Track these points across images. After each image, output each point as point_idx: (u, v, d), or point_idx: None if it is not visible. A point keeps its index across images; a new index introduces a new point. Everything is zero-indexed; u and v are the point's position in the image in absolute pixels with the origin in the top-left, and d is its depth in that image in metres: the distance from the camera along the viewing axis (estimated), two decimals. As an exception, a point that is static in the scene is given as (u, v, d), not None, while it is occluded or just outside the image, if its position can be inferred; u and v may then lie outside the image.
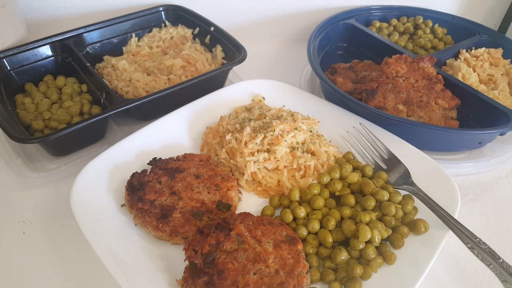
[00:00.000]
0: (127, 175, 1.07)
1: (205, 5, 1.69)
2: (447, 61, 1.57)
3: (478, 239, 0.90)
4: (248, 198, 1.12)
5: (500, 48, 1.57)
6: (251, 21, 1.83)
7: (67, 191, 1.00)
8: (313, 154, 1.17)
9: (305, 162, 1.12)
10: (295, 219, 1.02)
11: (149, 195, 1.01)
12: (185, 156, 1.13)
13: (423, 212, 1.01)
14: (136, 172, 1.07)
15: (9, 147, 1.21)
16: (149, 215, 0.97)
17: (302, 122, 1.19)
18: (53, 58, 1.41)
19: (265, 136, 1.13)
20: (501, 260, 0.86)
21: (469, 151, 1.32)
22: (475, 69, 1.50)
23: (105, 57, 1.50)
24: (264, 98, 1.36)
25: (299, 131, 1.16)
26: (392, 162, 1.14)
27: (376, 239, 0.93)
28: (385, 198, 1.02)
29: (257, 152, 1.12)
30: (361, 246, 0.93)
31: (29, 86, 1.35)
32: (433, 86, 1.35)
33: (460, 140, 1.28)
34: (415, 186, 1.06)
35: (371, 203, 1.01)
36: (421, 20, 1.76)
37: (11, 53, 1.33)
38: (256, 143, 1.12)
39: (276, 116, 1.23)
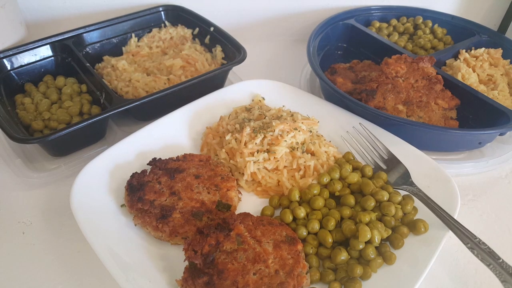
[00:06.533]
0: (127, 175, 1.07)
1: (205, 5, 1.69)
2: (447, 61, 1.57)
3: (477, 239, 0.90)
4: (248, 198, 1.12)
5: (500, 48, 1.57)
6: (251, 21, 1.83)
7: (67, 191, 1.00)
8: (313, 154, 1.17)
9: (305, 162, 1.12)
10: (295, 219, 1.02)
11: (148, 195, 1.01)
12: (185, 156, 1.13)
13: (423, 212, 1.01)
14: (136, 172, 1.07)
15: (9, 148, 1.21)
16: (148, 215, 0.97)
17: (302, 122, 1.19)
18: (52, 58, 1.41)
19: (265, 136, 1.13)
20: (500, 260, 0.86)
21: (469, 151, 1.32)
22: (474, 69, 1.50)
23: (104, 57, 1.50)
24: (264, 98, 1.36)
25: (299, 131, 1.16)
26: (392, 162, 1.14)
27: (376, 239, 0.93)
28: (385, 198, 1.02)
29: (257, 152, 1.12)
30: (361, 246, 0.93)
31: (28, 86, 1.35)
32: (432, 86, 1.35)
33: (460, 140, 1.28)
34: (415, 186, 1.06)
35: (371, 203, 1.01)
36: (420, 20, 1.76)
37: (11, 53, 1.33)
38: (256, 143, 1.12)
39: (276, 116, 1.23)
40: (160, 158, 1.12)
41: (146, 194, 1.01)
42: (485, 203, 1.20)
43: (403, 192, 1.07)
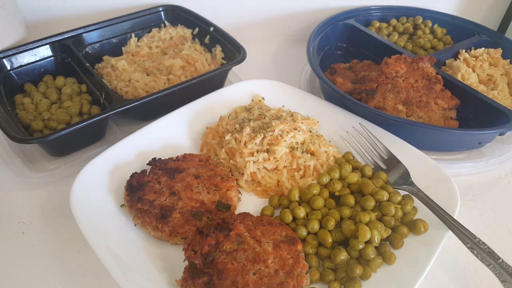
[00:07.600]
0: (126, 175, 1.07)
1: (204, 5, 1.69)
2: (447, 61, 1.57)
3: (477, 239, 0.90)
4: (248, 198, 1.12)
5: (500, 48, 1.57)
6: (251, 21, 1.83)
7: (66, 191, 1.00)
8: (312, 154, 1.17)
9: (304, 162, 1.12)
10: (294, 219, 1.02)
11: (148, 195, 1.01)
12: (185, 156, 1.13)
13: (423, 212, 1.01)
14: (136, 172, 1.07)
15: (9, 148, 1.21)
16: (148, 215, 0.97)
17: (302, 122, 1.19)
18: (52, 58, 1.41)
19: (264, 136, 1.13)
20: (500, 260, 0.86)
21: (469, 151, 1.32)
22: (474, 69, 1.50)
23: (104, 57, 1.50)
24: (263, 98, 1.36)
25: (299, 131, 1.16)
26: (392, 162, 1.14)
27: (376, 239, 0.93)
28: (385, 198, 1.01)
29: (257, 152, 1.12)
30: (361, 246, 0.93)
31: (28, 86, 1.35)
32: (432, 86, 1.35)
33: (460, 140, 1.28)
34: (415, 186, 1.06)
35: (371, 203, 1.01)
36: (420, 20, 1.76)
37: (11, 53, 1.33)
38: (255, 143, 1.12)
39: (276, 116, 1.23)
40: (160, 158, 1.12)
41: (146, 194, 1.01)
42: (484, 203, 1.20)
43: (403, 192, 1.07)
